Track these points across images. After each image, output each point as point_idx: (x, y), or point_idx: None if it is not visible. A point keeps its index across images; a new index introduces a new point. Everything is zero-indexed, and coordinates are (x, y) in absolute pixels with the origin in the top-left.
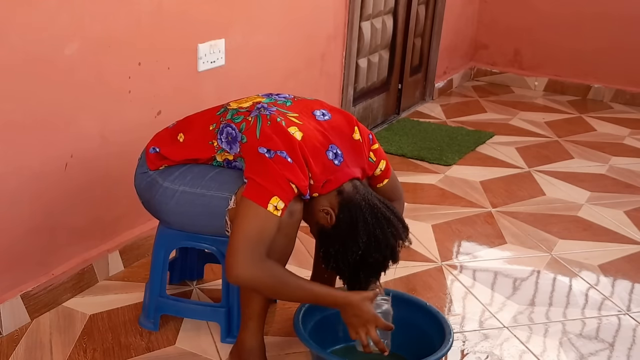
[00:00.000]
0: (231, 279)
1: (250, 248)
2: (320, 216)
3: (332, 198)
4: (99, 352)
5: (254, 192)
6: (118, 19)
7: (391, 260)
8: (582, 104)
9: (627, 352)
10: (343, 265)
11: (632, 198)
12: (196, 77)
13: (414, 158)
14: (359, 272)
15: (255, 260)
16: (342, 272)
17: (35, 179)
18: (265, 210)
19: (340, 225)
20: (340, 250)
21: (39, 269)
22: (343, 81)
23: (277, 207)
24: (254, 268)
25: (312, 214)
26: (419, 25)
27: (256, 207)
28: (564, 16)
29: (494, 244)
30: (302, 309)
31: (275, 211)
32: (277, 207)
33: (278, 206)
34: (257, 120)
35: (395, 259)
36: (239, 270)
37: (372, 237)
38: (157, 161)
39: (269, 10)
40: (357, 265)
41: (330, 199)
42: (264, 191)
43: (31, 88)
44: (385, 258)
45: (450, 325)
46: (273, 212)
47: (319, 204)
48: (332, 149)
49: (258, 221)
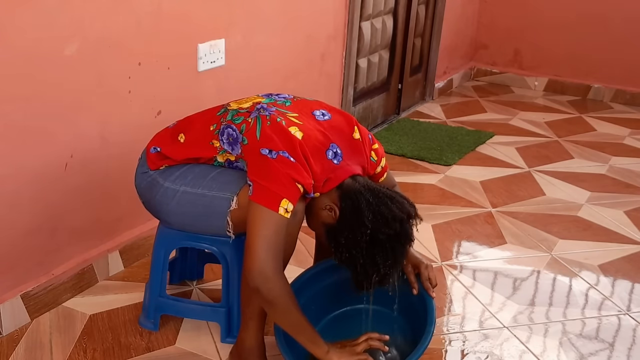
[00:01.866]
0: (254, 281)
1: (272, 254)
2: (324, 215)
3: (332, 195)
4: (99, 352)
5: (263, 197)
6: (118, 19)
7: (403, 237)
8: (582, 104)
9: (627, 352)
10: (356, 251)
11: (632, 198)
12: (196, 77)
13: (414, 158)
14: (374, 257)
15: (272, 268)
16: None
17: (36, 179)
18: (278, 214)
19: (344, 214)
20: (349, 236)
21: (39, 269)
22: (343, 81)
23: (287, 210)
24: (278, 276)
25: (315, 217)
26: (419, 25)
27: (269, 212)
28: (564, 16)
29: (494, 244)
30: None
31: (285, 214)
32: (287, 209)
33: (288, 208)
34: (256, 121)
35: (406, 234)
36: (257, 279)
37: (378, 214)
38: (157, 161)
39: (269, 10)
40: (371, 249)
41: (331, 196)
42: (272, 195)
43: (31, 88)
44: (398, 234)
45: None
46: (284, 215)
47: (321, 204)
48: (332, 148)
49: (273, 225)
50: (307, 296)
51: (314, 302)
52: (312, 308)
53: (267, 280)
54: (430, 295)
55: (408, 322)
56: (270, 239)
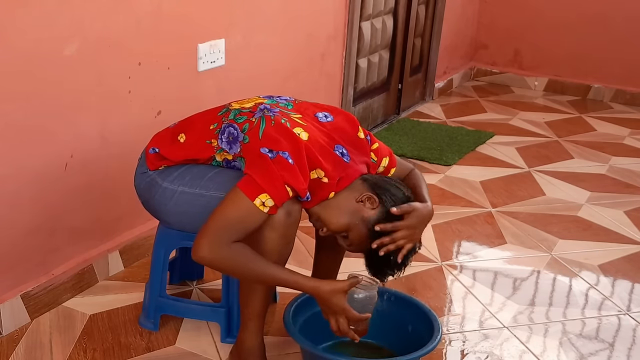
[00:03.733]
0: (195, 257)
1: (220, 232)
2: (361, 207)
3: (358, 187)
4: (99, 352)
5: (245, 185)
6: (118, 19)
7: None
8: (582, 104)
9: (627, 352)
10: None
11: (632, 198)
12: (196, 77)
13: (414, 158)
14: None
15: (222, 244)
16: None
17: (36, 179)
18: (251, 202)
19: (383, 200)
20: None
21: (39, 269)
22: (343, 81)
23: (265, 204)
24: (218, 250)
25: (353, 214)
26: (419, 25)
27: (242, 197)
28: (563, 16)
29: (494, 244)
30: (293, 305)
31: (261, 207)
32: (264, 203)
33: (266, 203)
34: (260, 121)
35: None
36: (203, 251)
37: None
38: (156, 161)
39: (269, 10)
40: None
41: (358, 189)
42: (255, 186)
43: (31, 88)
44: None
45: (439, 323)
46: (259, 207)
47: (351, 199)
48: (337, 149)
49: (239, 210)
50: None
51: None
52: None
53: (208, 253)
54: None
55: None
56: (228, 220)
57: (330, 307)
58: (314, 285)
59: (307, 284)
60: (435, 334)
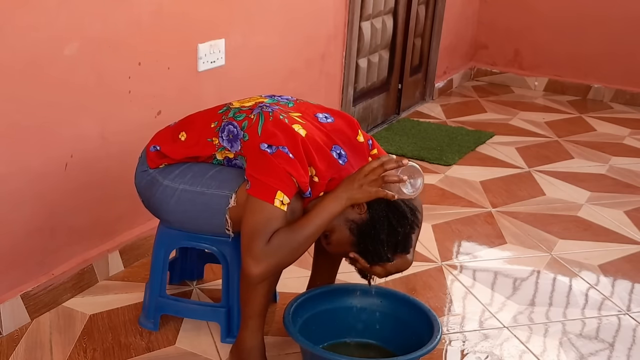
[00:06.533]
0: (252, 280)
1: (256, 243)
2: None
3: None
4: (99, 352)
5: (259, 190)
6: (118, 19)
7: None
8: (582, 104)
9: (627, 352)
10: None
11: (632, 198)
12: (196, 77)
13: (414, 158)
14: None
15: (262, 252)
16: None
17: (36, 179)
18: (272, 205)
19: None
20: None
21: (39, 269)
22: (343, 81)
23: (283, 202)
24: (264, 259)
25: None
26: (419, 25)
27: (262, 203)
28: (564, 16)
29: (494, 244)
30: (293, 305)
31: (281, 206)
32: (282, 201)
33: (284, 201)
34: (259, 118)
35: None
36: (254, 269)
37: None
38: (157, 159)
39: (269, 10)
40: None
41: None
42: (268, 188)
43: (31, 89)
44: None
45: (439, 323)
46: (280, 207)
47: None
48: (335, 150)
49: (265, 214)
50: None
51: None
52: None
53: (264, 264)
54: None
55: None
56: (261, 229)
57: (361, 170)
58: (338, 192)
59: (336, 201)
60: (435, 334)
